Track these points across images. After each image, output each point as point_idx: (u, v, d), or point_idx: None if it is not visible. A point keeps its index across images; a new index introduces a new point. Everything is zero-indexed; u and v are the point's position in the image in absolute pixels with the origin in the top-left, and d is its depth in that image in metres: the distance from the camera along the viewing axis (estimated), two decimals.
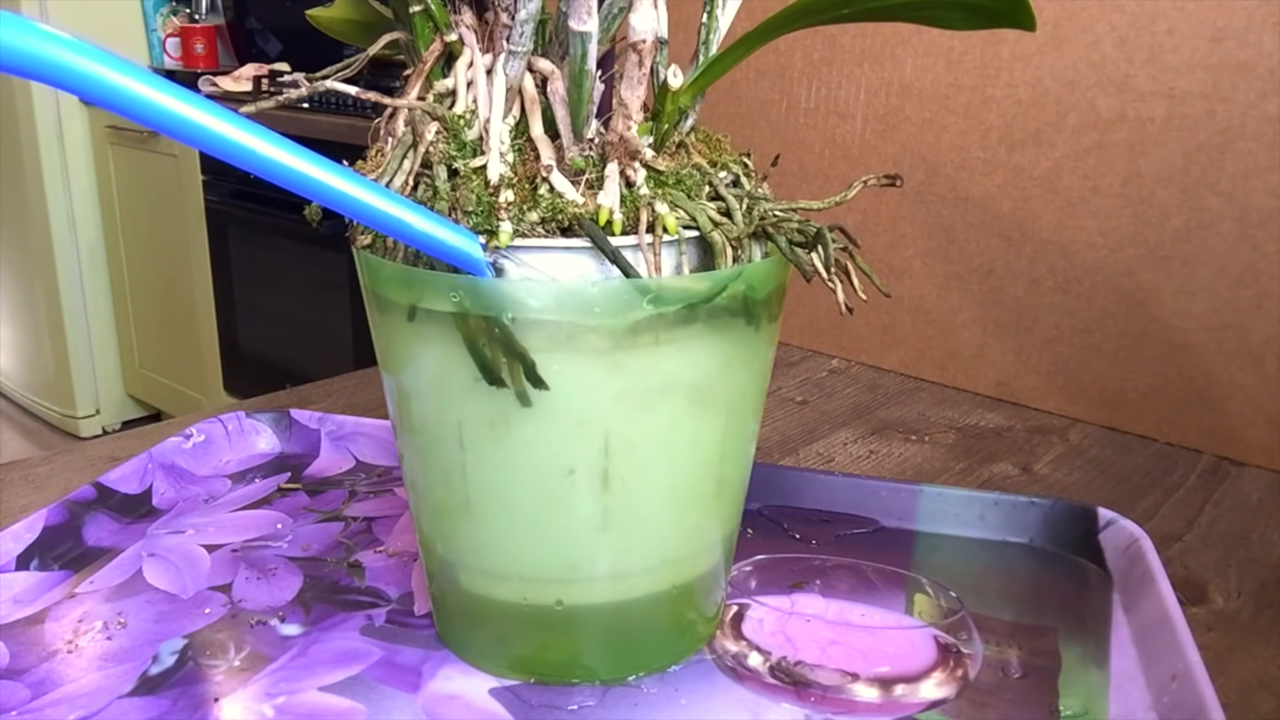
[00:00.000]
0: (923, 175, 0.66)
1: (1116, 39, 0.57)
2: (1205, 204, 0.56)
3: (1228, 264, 0.56)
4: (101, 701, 0.34)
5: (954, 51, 0.64)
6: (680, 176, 0.31)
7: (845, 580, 0.42)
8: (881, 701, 0.35)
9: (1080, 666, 0.37)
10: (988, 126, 0.63)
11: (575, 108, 0.30)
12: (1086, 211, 0.60)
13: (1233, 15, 0.53)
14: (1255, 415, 0.56)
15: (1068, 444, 0.59)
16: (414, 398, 0.33)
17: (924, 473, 0.54)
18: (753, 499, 0.44)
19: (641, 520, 0.33)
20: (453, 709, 0.34)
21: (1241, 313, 0.56)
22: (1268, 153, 0.53)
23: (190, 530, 0.45)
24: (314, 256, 1.76)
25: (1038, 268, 0.63)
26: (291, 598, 0.40)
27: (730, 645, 0.37)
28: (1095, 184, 0.60)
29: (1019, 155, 0.62)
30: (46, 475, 0.51)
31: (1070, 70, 0.59)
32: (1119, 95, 0.58)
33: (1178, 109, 0.56)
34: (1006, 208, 0.63)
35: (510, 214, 0.29)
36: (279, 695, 0.34)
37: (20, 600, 0.39)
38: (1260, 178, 0.54)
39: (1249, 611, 0.42)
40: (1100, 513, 0.44)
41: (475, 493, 0.33)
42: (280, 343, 1.94)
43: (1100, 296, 0.61)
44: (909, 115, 0.66)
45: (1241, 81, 0.54)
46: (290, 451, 0.53)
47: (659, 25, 0.30)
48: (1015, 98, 0.62)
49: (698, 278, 0.30)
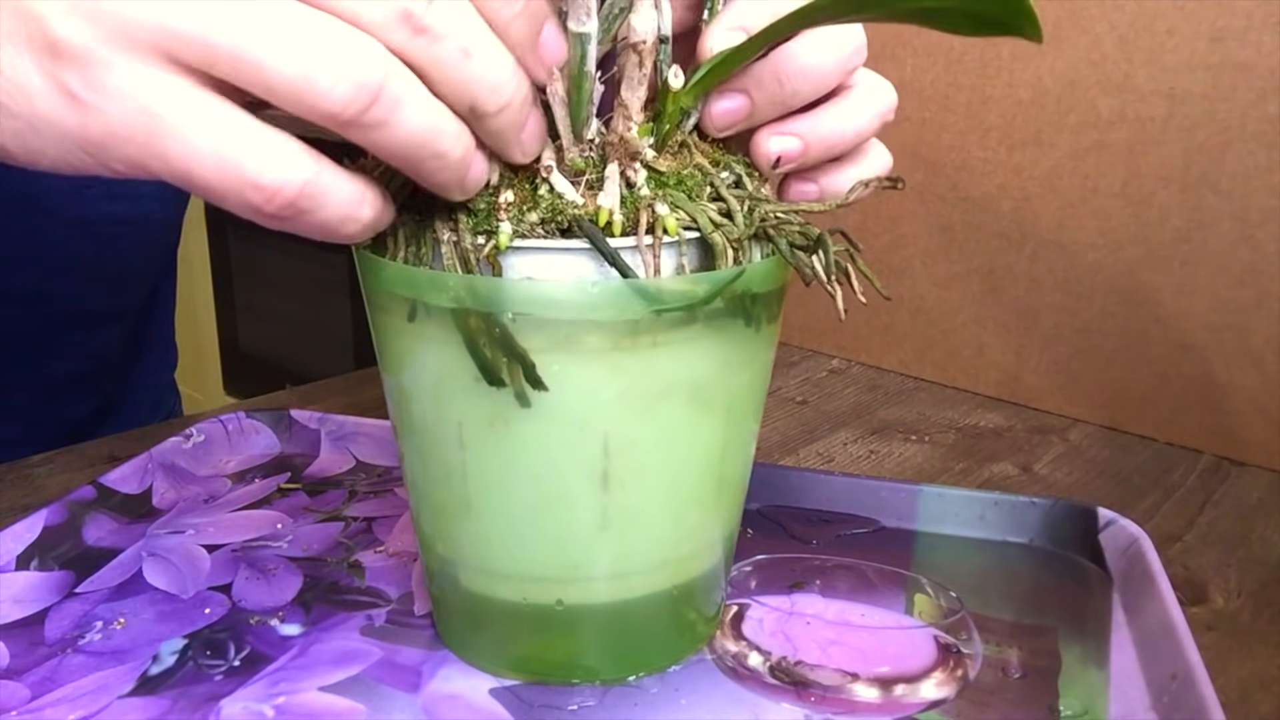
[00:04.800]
0: (923, 175, 0.66)
1: (1116, 39, 0.57)
2: (1205, 204, 0.56)
3: (1228, 264, 0.56)
4: (101, 701, 0.34)
5: (954, 51, 0.64)
6: (681, 177, 0.31)
7: (845, 580, 0.42)
8: (881, 701, 0.35)
9: (1080, 666, 0.37)
10: (988, 126, 0.63)
11: (575, 109, 0.30)
12: (1086, 211, 0.60)
13: (1233, 15, 0.53)
14: (1255, 415, 0.56)
15: (1068, 444, 0.59)
16: (414, 398, 0.33)
17: (924, 473, 0.54)
18: (753, 499, 0.44)
19: (642, 520, 0.33)
20: (453, 709, 0.34)
21: (1241, 313, 0.56)
22: (1268, 153, 0.53)
23: (190, 530, 0.45)
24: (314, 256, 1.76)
25: (1038, 268, 0.63)
26: (291, 598, 0.40)
27: (730, 645, 0.37)
28: (1095, 184, 0.60)
29: (1019, 155, 0.62)
30: (46, 475, 0.51)
31: (1070, 70, 0.59)
32: (1119, 95, 0.58)
33: (1178, 109, 0.56)
34: (1006, 208, 0.63)
35: (510, 214, 0.29)
36: (279, 695, 0.34)
37: (20, 600, 0.39)
38: (1260, 178, 0.54)
39: (1249, 611, 0.42)
40: (1100, 513, 0.44)
41: (475, 492, 0.33)
42: (280, 343, 1.94)
43: (1100, 296, 0.61)
44: (909, 115, 0.66)
45: (1241, 81, 0.54)
46: (290, 451, 0.53)
47: (660, 25, 0.30)
48: (1015, 98, 0.62)
49: (697, 279, 0.30)
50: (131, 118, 0.25)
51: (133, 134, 0.25)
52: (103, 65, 0.25)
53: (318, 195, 0.26)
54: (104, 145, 0.25)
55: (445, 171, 0.28)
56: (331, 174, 0.26)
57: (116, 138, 0.25)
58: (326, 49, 0.25)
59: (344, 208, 0.27)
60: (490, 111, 0.27)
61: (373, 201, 0.28)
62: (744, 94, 0.32)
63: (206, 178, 0.25)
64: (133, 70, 0.25)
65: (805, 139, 0.33)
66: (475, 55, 0.26)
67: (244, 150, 0.25)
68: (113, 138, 0.25)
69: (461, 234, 0.30)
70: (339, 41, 0.25)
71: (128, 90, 0.25)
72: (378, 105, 0.25)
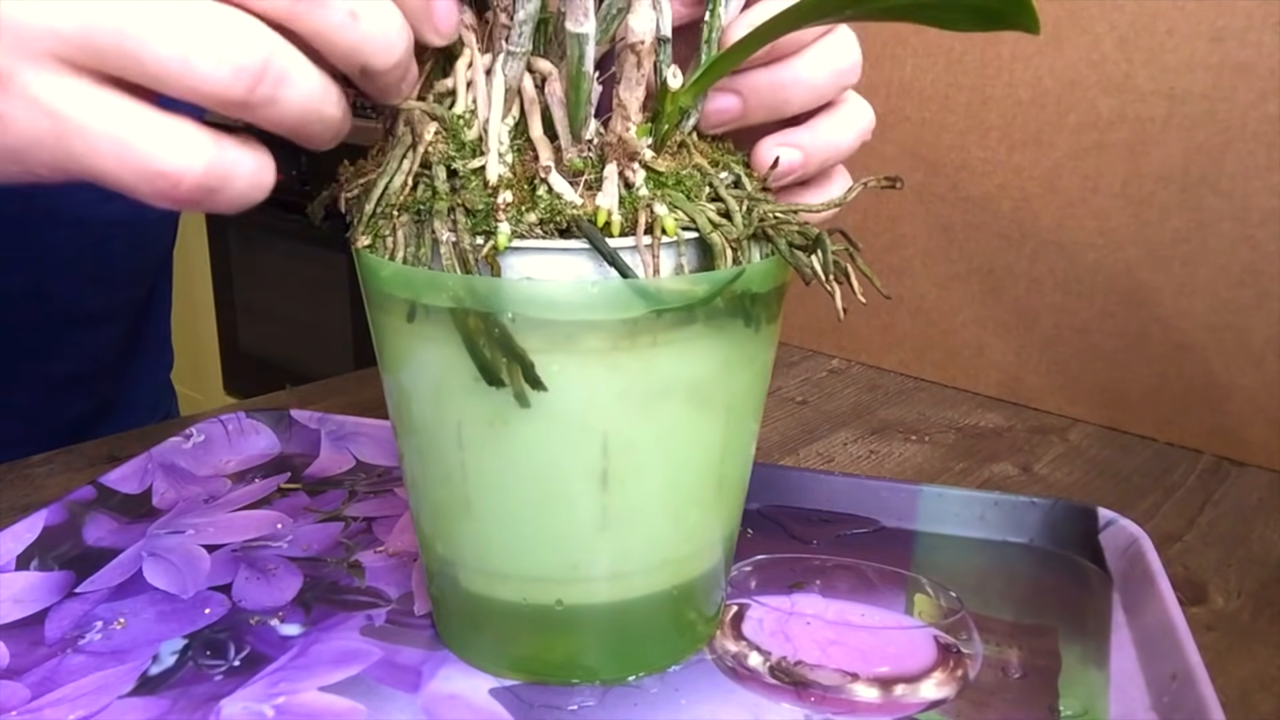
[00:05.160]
0: (923, 175, 0.66)
1: (1116, 39, 0.57)
2: (1205, 204, 0.56)
3: (1228, 264, 0.56)
4: (101, 701, 0.34)
5: (954, 51, 0.64)
6: (680, 177, 0.31)
7: (845, 580, 0.42)
8: (881, 701, 0.35)
9: (1080, 666, 0.37)
10: (988, 126, 0.63)
11: (573, 109, 0.30)
12: (1086, 211, 0.60)
13: (1233, 15, 0.53)
14: (1255, 415, 0.56)
15: (1068, 444, 0.59)
16: (413, 398, 0.33)
17: (924, 473, 0.54)
18: (753, 499, 0.44)
19: (641, 520, 0.33)
20: (453, 709, 0.34)
21: (1241, 313, 0.56)
22: (1268, 153, 0.53)
23: (190, 530, 0.45)
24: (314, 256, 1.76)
25: (1038, 268, 0.63)
26: (291, 598, 0.40)
27: (730, 645, 0.37)
28: (1095, 184, 0.60)
29: (1019, 155, 0.62)
30: (46, 475, 0.51)
31: (1070, 70, 0.59)
32: (1119, 95, 0.58)
33: (1178, 109, 0.56)
34: (1006, 208, 0.63)
35: (509, 215, 0.29)
36: (279, 695, 0.34)
37: (20, 600, 0.39)
38: (1260, 178, 0.54)
39: (1249, 611, 0.42)
40: (1100, 513, 0.44)
41: (475, 492, 0.33)
42: (280, 343, 1.94)
43: (1100, 296, 0.61)
44: (909, 115, 0.66)
45: (1241, 81, 0.54)
46: (290, 451, 0.53)
47: (659, 25, 0.30)
48: (1015, 98, 0.62)
49: (696, 279, 0.30)
50: (39, 123, 0.25)
51: (42, 138, 0.26)
52: (6, 77, 0.25)
53: (224, 173, 0.27)
54: (22, 153, 0.26)
55: (328, 131, 0.28)
56: (234, 150, 0.27)
57: (32, 144, 0.26)
58: (205, 34, 0.25)
59: (250, 178, 0.27)
60: (381, 70, 0.28)
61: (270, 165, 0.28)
62: (737, 94, 0.32)
63: (114, 171, 0.26)
64: (34, 78, 0.25)
65: (806, 149, 0.33)
66: (363, 16, 0.27)
67: (143, 140, 0.26)
68: (28, 144, 0.26)
69: (460, 234, 0.30)
70: (218, 26, 0.25)
71: (30, 97, 0.25)
72: (263, 84, 0.26)
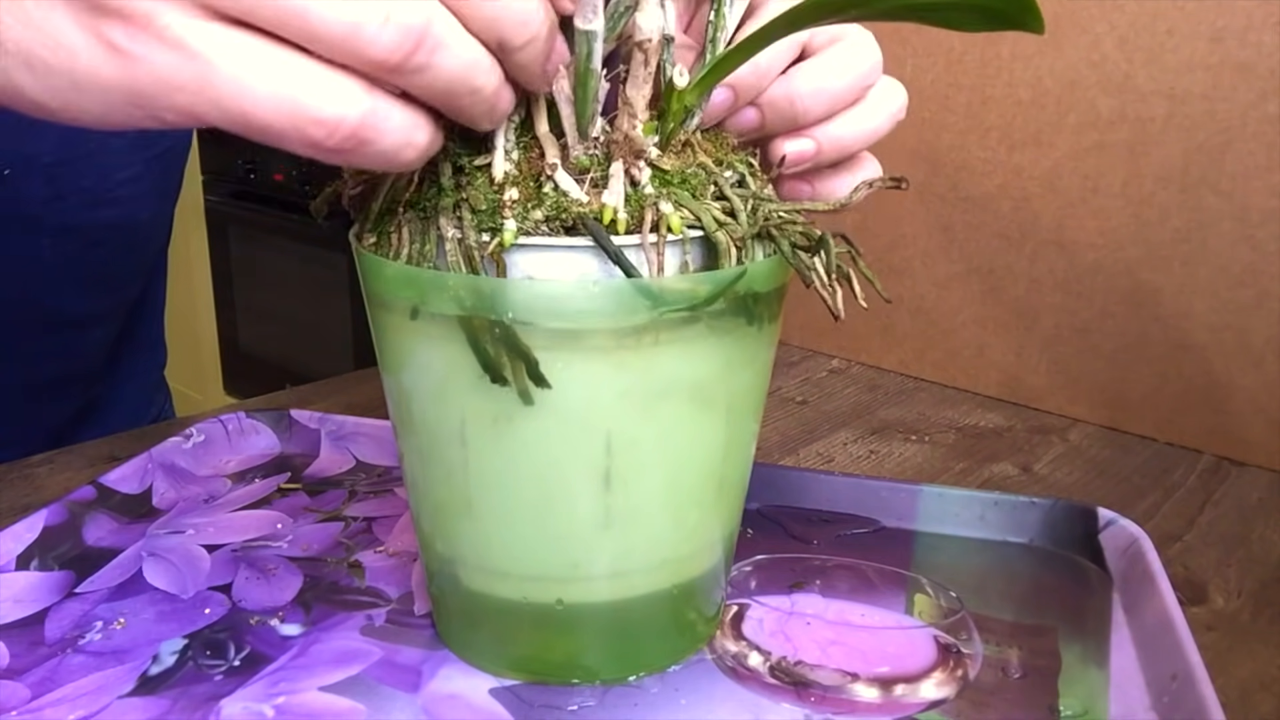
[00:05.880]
0: (923, 175, 0.66)
1: (1116, 39, 0.57)
2: (1205, 204, 0.56)
3: (1228, 264, 0.56)
4: (101, 701, 0.34)
5: (954, 51, 0.64)
6: (685, 176, 0.31)
7: (845, 580, 0.42)
8: (881, 701, 0.35)
9: (1080, 666, 0.37)
10: (988, 126, 0.63)
11: (580, 106, 0.30)
12: (1086, 211, 0.60)
13: (1233, 15, 0.53)
14: (1255, 415, 0.56)
15: (1068, 444, 0.59)
16: (416, 396, 0.33)
17: (924, 473, 0.54)
18: (753, 499, 0.44)
19: (642, 519, 0.33)
20: (453, 709, 0.34)
21: (1241, 313, 0.56)
22: (1268, 153, 0.53)
23: (190, 530, 0.45)
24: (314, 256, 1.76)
25: (1038, 268, 0.63)
26: (291, 598, 0.40)
27: (730, 645, 0.37)
28: (1095, 184, 0.60)
29: (1019, 155, 0.62)
30: (46, 475, 0.51)
31: (1070, 70, 0.59)
32: (1119, 95, 0.58)
33: (1178, 109, 0.56)
34: (1006, 208, 0.63)
35: (515, 212, 0.29)
36: (279, 695, 0.34)
37: (20, 600, 0.39)
38: (1260, 178, 0.54)
39: (1249, 611, 0.42)
40: (1100, 513, 0.44)
41: (476, 490, 0.33)
42: (280, 343, 1.94)
43: (1100, 296, 0.61)
44: (909, 115, 0.66)
45: (1241, 81, 0.54)
46: (290, 451, 0.53)
47: (666, 23, 0.30)
48: (1015, 98, 0.62)
49: (700, 278, 0.30)
50: (181, 66, 0.25)
51: (184, 83, 0.25)
52: (146, 17, 0.24)
53: (377, 125, 0.26)
54: (153, 97, 0.25)
55: (479, 105, 0.28)
56: (387, 104, 0.27)
57: (167, 87, 0.25)
58: None
59: (402, 134, 0.27)
60: (518, 45, 0.27)
61: (426, 126, 0.28)
62: (729, 89, 0.33)
63: (265, 119, 0.25)
64: (176, 20, 0.25)
65: (818, 140, 0.33)
66: None
67: (301, 88, 0.25)
68: (163, 88, 0.25)
69: (466, 231, 0.30)
70: None
71: (174, 39, 0.25)
72: (421, 49, 0.25)
